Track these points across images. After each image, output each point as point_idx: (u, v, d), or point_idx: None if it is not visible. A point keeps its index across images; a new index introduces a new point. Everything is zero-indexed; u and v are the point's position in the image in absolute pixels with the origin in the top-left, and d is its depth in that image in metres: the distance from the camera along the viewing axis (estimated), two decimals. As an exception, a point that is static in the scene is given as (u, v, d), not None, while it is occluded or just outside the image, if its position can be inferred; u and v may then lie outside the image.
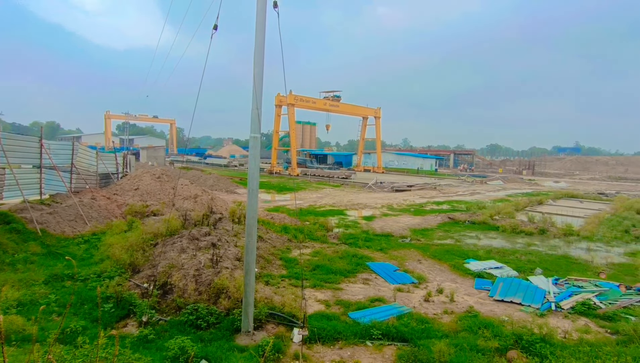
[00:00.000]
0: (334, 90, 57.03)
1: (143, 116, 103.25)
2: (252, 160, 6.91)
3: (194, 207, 16.20)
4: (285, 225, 15.39)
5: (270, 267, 10.62)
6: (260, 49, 6.63)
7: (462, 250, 13.69)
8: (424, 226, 17.98)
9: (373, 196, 30.28)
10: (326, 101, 54.85)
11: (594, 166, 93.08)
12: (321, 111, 56.35)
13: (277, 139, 54.80)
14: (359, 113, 61.80)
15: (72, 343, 5.58)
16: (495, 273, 10.99)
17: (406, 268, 11.38)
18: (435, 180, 49.13)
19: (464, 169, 78.72)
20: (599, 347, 6.59)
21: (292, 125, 49.72)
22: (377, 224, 18.06)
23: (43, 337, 6.12)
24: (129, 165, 26.31)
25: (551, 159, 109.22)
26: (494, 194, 34.33)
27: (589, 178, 64.25)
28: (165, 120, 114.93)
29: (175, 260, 9.22)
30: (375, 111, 62.93)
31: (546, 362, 6.11)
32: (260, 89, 6.71)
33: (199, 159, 75.89)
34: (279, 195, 29.44)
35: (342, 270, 10.68)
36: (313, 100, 52.64)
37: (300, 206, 22.49)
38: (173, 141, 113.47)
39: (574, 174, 77.22)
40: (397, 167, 71.06)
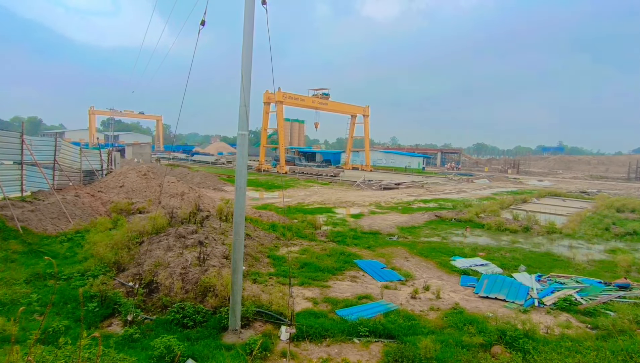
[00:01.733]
0: (323, 88, 57.07)
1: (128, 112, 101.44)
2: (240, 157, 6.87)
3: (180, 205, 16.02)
4: (274, 223, 15.35)
5: (258, 265, 10.58)
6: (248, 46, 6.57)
7: (448, 247, 13.86)
8: (412, 224, 18.14)
9: (361, 194, 30.40)
10: (315, 98, 54.80)
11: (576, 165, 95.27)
12: (310, 109, 56.26)
13: (266, 137, 54.55)
14: (347, 111, 61.95)
15: (54, 344, 5.46)
16: (481, 270, 11.16)
17: (393, 265, 11.47)
18: (423, 178, 49.60)
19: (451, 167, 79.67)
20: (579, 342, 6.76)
21: (280, 122, 49.56)
22: (365, 222, 18.15)
23: (24, 338, 5.98)
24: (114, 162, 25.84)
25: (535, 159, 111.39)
26: (480, 193, 34.83)
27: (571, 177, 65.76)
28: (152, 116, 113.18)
29: (162, 258, 9.11)
30: (364, 109, 63.17)
31: (529, 357, 6.24)
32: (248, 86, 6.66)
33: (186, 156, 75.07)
34: (267, 193, 29.31)
35: (330, 267, 10.70)
36: (302, 97, 52.53)
37: (289, 204, 22.45)
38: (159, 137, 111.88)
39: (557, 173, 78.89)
40: (385, 165, 71.52)
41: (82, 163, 20.08)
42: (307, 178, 42.78)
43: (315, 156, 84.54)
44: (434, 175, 57.91)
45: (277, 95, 48.00)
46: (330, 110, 58.96)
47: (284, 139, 54.52)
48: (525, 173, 72.33)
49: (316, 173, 46.17)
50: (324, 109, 57.02)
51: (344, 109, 60.77)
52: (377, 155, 75.33)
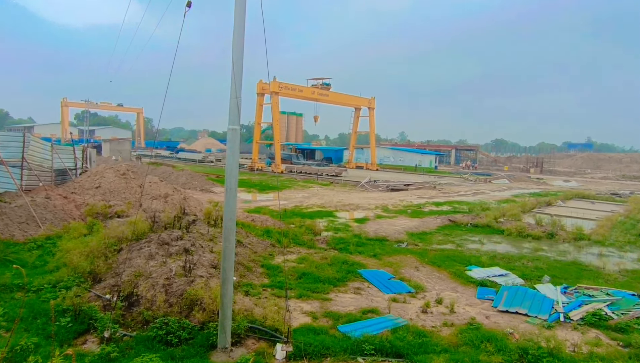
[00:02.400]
0: (323, 77, 57.11)
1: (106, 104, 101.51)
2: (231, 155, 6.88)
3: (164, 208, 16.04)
4: (268, 228, 15.37)
5: (250, 275, 10.59)
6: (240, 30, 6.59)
7: (463, 255, 13.88)
8: (422, 230, 18.16)
9: (366, 195, 30.43)
10: (314, 89, 54.87)
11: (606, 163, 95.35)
12: (309, 101, 56.29)
13: (259, 132, 54.59)
14: (351, 103, 62.02)
15: (23, 363, 5.47)
16: (500, 281, 11.18)
17: (402, 275, 11.49)
18: (435, 178, 49.64)
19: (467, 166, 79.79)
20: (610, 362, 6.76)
21: (275, 116, 49.60)
22: (370, 227, 18.17)
23: (-11, 356, 5.97)
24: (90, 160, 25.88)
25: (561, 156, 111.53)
26: (499, 194, 34.86)
27: (601, 177, 65.82)
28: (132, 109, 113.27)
29: (143, 267, 9.12)
30: (369, 101, 63.25)
31: (554, 378, 6.24)
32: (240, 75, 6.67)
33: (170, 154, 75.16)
34: (261, 194, 29.34)
35: (331, 278, 10.72)
36: (300, 88, 52.61)
37: (285, 207, 22.48)
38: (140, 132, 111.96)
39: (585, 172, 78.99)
40: (393, 164, 71.61)
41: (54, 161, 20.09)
42: (306, 178, 42.80)
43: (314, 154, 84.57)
44: (447, 175, 57.92)
45: (272, 85, 48.06)
46: (331, 102, 58.99)
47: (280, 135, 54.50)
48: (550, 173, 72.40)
49: (316, 172, 46.22)
50: (324, 101, 57.06)
51: (347, 101, 60.85)
52: (384, 152, 75.46)
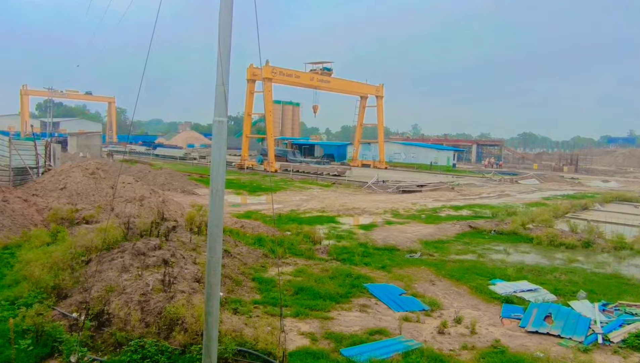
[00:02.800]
0: (324, 61, 57.10)
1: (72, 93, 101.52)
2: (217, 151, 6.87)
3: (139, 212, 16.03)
4: (260, 236, 15.37)
5: (239, 290, 10.59)
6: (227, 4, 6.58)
7: (486, 267, 13.88)
8: (439, 237, 18.16)
9: (373, 198, 30.44)
10: (313, 74, 54.93)
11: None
12: (307, 88, 56.34)
13: (250, 124, 54.65)
14: (355, 91, 62.10)
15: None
16: (528, 298, 11.18)
17: (415, 291, 11.49)
18: (453, 178, 49.65)
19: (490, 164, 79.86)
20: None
21: (268, 106, 49.66)
22: (378, 234, 18.17)
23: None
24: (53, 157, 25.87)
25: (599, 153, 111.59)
26: (527, 197, 34.87)
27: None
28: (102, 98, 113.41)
29: (115, 281, 9.11)
30: (376, 88, 63.33)
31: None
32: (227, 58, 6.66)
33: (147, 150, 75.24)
34: (252, 197, 29.33)
35: (333, 293, 10.72)
36: (296, 73, 52.66)
37: (279, 212, 22.49)
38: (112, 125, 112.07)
39: (626, 171, 79.06)
40: (405, 161, 71.64)
41: (12, 159, 20.09)
42: (304, 178, 42.82)
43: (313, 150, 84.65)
44: (467, 174, 57.92)
45: (265, 70, 48.10)
46: (333, 89, 59.00)
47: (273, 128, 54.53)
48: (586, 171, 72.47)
49: (315, 171, 46.25)
50: (325, 88, 57.09)
51: (352, 88, 60.90)
52: (394, 148, 75.50)
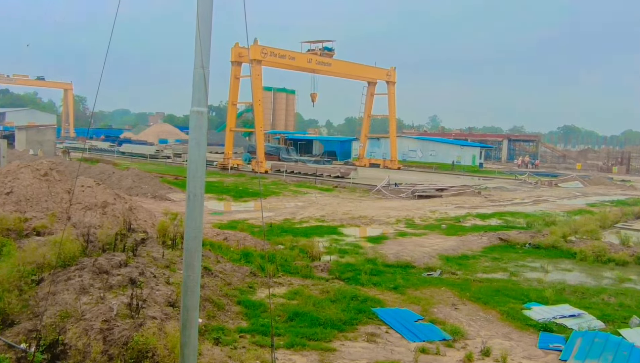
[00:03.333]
0: (324, 40, 57.15)
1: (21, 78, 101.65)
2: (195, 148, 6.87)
3: (101, 222, 16.01)
4: (247, 250, 15.35)
5: (222, 316, 10.58)
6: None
7: (519, 288, 13.87)
8: (462, 252, 18.16)
9: (384, 205, 30.44)
10: (311, 55, 55.00)
11: None
12: (304, 72, 56.40)
13: (235, 116, 54.63)
14: (362, 75, 62.20)
15: None
16: (570, 325, 11.17)
17: (434, 316, 11.48)
18: (480, 181, 49.67)
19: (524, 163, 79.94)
20: None
21: (257, 93, 49.68)
22: (389, 248, 18.16)
23: None
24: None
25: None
26: (569, 203, 34.90)
27: None
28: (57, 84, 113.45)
29: (72, 305, 9.10)
30: (387, 72, 63.46)
31: None
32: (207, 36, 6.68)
33: (111, 146, 75.26)
34: (237, 203, 29.31)
35: (336, 320, 10.71)
36: (291, 54, 52.74)
37: (271, 221, 22.47)
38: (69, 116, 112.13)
39: (689, 172, 78.97)
40: (422, 160, 71.73)
41: (-52, 157, 20.05)
42: (300, 180, 42.80)
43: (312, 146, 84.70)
44: (497, 175, 57.90)
45: (253, 50, 48.16)
46: (335, 74, 59.06)
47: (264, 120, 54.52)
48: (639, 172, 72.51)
49: (313, 172, 46.25)
50: (325, 72, 57.14)
51: (358, 72, 60.99)
52: (409, 144, 75.65)
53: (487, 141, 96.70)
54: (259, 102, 49.84)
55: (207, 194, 28.51)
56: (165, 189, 31.78)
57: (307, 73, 56.20)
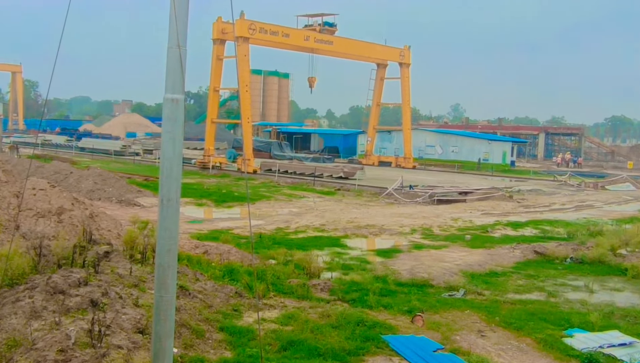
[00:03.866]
0: (324, 13, 57.15)
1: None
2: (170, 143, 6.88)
3: (57, 232, 15.99)
4: (232, 266, 15.34)
5: (202, 345, 10.57)
6: None
7: (559, 311, 13.84)
8: (490, 268, 18.13)
9: (396, 211, 30.43)
10: (309, 32, 54.99)
11: None
12: (300, 52, 56.34)
13: (217, 104, 54.65)
14: (370, 56, 62.16)
15: None
16: (621, 355, 11.13)
17: (457, 345, 11.45)
18: (512, 182, 49.65)
19: (564, 161, 79.93)
20: None
21: (244, 77, 49.66)
22: (403, 264, 18.14)
23: None
24: None
25: None
26: (619, 209, 34.89)
27: None
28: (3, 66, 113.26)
29: (21, 331, 9.09)
30: (400, 52, 63.49)
31: None
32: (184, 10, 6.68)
33: (68, 141, 75.21)
34: (220, 210, 29.28)
35: (338, 350, 10.69)
36: (284, 30, 52.72)
37: (260, 231, 22.46)
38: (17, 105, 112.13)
39: None
40: (441, 158, 71.74)
41: None
42: (295, 182, 42.81)
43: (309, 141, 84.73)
44: (532, 176, 57.89)
45: (239, 25, 48.18)
46: (338, 54, 59.04)
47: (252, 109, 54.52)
48: None
49: (311, 172, 46.18)
50: (326, 52, 57.11)
51: (364, 51, 60.96)
52: (427, 138, 75.64)
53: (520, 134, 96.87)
54: (246, 88, 49.87)
55: (184, 198, 28.46)
56: (133, 192, 31.72)
57: (304, 53, 56.15)
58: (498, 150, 71.72)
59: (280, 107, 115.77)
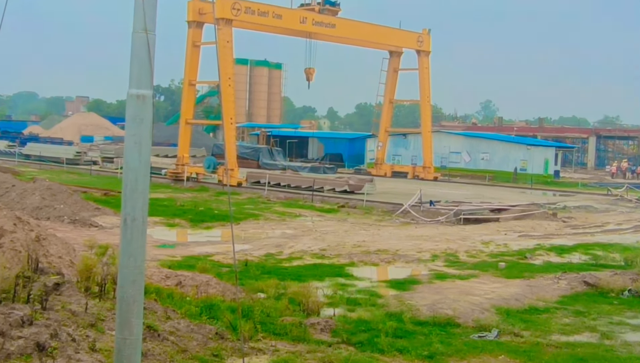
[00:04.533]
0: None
1: None
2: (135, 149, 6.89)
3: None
4: (211, 300, 15.31)
5: (174, 399, 10.53)
6: None
7: (615, 357, 13.77)
8: (530, 303, 18.08)
9: (414, 233, 30.40)
10: (306, 12, 55.18)
11: None
12: (296, 37, 56.55)
13: (193, 102, 54.73)
14: (381, 42, 62.36)
15: None
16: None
17: (489, 399, 11.42)
18: (556, 196, 49.57)
19: (620, 170, 79.91)
20: None
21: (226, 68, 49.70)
22: (422, 298, 18.09)
23: None
24: None
25: None
26: (688, 230, 34.71)
27: None
28: None
29: (-50, 383, 9.07)
30: (418, 37, 63.68)
31: None
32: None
33: (10, 147, 75.23)
34: (197, 231, 29.28)
35: (342, 404, 10.65)
36: (276, 10, 52.83)
37: (246, 257, 22.42)
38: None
39: None
40: (469, 167, 71.74)
41: None
42: (289, 197, 42.82)
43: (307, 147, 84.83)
44: (580, 189, 57.83)
45: (220, 4, 48.27)
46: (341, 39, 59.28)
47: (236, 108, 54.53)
48: None
49: (309, 184, 46.16)
50: (327, 37, 57.30)
51: (374, 36, 61.16)
52: (451, 143, 75.59)
53: (565, 138, 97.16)
54: (228, 82, 49.90)
55: (153, 217, 28.43)
56: (90, 210, 31.71)
57: (300, 39, 56.35)
58: (538, 157, 71.76)
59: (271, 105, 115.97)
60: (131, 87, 6.79)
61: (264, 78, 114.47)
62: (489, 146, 74.80)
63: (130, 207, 6.94)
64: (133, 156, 6.92)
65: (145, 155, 6.94)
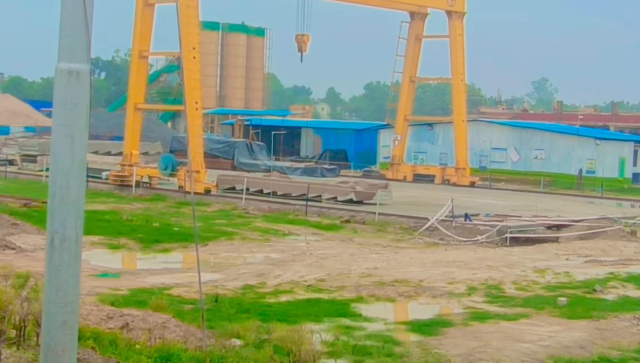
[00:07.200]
0: None
1: None
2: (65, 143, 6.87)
3: None
4: (169, 349, 15.32)
5: None
6: None
7: None
8: (601, 353, 18.09)
9: (443, 257, 30.38)
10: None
11: None
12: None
13: (144, 79, 54.81)
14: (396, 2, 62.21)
15: None
16: None
17: None
18: (635, 208, 49.48)
19: None
20: None
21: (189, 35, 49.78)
22: (454, 344, 18.12)
23: None
24: None
25: None
26: None
27: None
28: None
29: None
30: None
31: None
32: None
33: None
34: (150, 255, 29.30)
35: None
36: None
37: (216, 290, 22.44)
38: None
39: None
40: (517, 168, 71.73)
41: None
42: (275, 209, 42.96)
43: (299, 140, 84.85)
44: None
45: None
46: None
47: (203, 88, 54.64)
48: None
49: (302, 191, 46.16)
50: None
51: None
52: (493, 135, 75.59)
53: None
54: (193, 53, 50.01)
55: (90, 236, 28.42)
56: (4, 226, 31.72)
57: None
58: (611, 155, 71.72)
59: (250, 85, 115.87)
60: (61, 60, 6.77)
61: (241, 48, 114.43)
62: (544, 140, 74.62)
63: (59, 223, 6.92)
64: (63, 154, 6.90)
65: (79, 152, 6.92)
